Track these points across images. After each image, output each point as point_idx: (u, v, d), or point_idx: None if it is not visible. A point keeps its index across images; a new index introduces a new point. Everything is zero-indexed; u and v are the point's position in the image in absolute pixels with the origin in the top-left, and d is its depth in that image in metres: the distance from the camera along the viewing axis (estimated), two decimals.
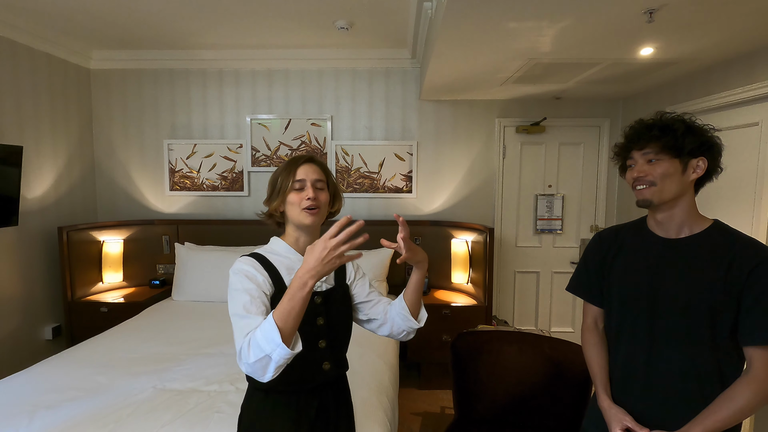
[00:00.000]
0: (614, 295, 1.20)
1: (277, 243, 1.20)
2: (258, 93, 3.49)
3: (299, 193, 1.14)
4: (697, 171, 1.07)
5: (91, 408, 1.67)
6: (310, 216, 1.14)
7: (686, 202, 1.09)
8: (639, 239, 1.17)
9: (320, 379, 1.16)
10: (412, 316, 1.20)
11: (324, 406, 1.17)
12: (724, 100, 2.35)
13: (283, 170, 1.17)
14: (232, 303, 1.05)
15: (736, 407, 0.99)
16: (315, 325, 1.15)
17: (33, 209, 2.98)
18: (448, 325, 3.00)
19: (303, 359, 1.12)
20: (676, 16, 1.73)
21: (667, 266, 1.09)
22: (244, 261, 1.11)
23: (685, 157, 1.06)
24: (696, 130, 1.08)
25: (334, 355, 1.19)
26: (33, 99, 2.97)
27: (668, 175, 1.06)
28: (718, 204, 2.34)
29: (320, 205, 1.16)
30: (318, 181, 1.17)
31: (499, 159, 3.49)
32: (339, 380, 1.24)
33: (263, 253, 1.15)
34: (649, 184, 1.08)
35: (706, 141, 1.07)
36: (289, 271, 1.14)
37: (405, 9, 2.55)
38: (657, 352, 1.09)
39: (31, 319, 2.98)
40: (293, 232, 1.19)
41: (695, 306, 1.03)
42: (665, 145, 1.06)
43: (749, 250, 1.02)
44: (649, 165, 1.09)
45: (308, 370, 1.14)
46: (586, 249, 1.32)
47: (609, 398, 1.19)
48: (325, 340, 1.17)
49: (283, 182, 1.15)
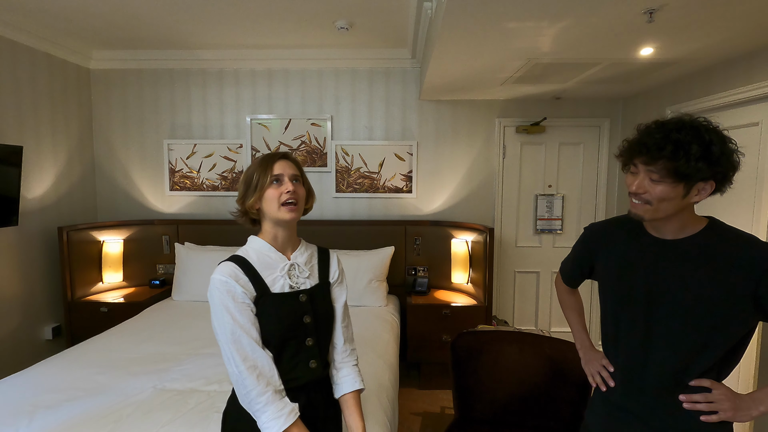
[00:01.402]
0: (609, 296, 1.20)
1: (256, 242, 1.19)
2: (258, 93, 3.49)
3: (277, 188, 1.14)
4: (701, 194, 0.99)
5: (91, 408, 1.67)
6: (289, 212, 1.14)
7: (682, 215, 1.05)
8: (633, 238, 1.16)
9: (308, 377, 1.16)
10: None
11: (311, 405, 1.17)
12: (724, 100, 2.35)
13: (258, 167, 1.16)
14: (218, 324, 1.07)
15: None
16: (302, 323, 1.16)
17: (33, 209, 2.98)
18: (448, 325, 3.00)
19: (290, 358, 1.14)
20: (676, 16, 1.73)
21: (664, 267, 1.08)
22: (222, 272, 1.10)
23: (691, 182, 0.97)
24: (713, 157, 0.94)
25: (321, 352, 1.20)
26: (33, 99, 2.97)
27: (666, 198, 0.99)
28: (718, 204, 2.34)
29: (298, 200, 1.16)
30: (294, 176, 1.17)
31: (499, 159, 3.49)
32: (327, 379, 1.24)
33: (243, 256, 1.15)
34: (644, 202, 1.02)
35: (719, 171, 0.96)
36: (269, 269, 1.15)
37: (405, 9, 2.55)
38: (655, 353, 1.09)
39: (31, 319, 2.98)
40: (271, 229, 1.19)
41: (693, 306, 1.03)
42: (673, 169, 0.95)
43: (748, 246, 1.02)
44: (650, 182, 1.00)
45: (295, 369, 1.14)
46: (577, 240, 1.34)
47: (588, 341, 1.37)
48: (313, 338, 1.17)
49: (260, 178, 1.14)
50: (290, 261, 1.19)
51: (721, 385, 1.06)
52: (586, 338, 1.39)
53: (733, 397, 1.04)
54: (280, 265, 1.17)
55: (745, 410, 1.03)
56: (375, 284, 3.09)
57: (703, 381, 1.05)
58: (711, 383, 1.05)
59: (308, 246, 1.27)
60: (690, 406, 1.05)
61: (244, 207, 1.17)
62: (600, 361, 1.25)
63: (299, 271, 1.19)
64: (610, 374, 1.21)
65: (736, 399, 1.04)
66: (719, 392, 1.04)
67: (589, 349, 1.34)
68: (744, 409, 1.03)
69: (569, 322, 1.45)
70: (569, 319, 1.45)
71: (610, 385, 1.20)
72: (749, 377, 2.20)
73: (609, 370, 1.21)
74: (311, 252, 1.27)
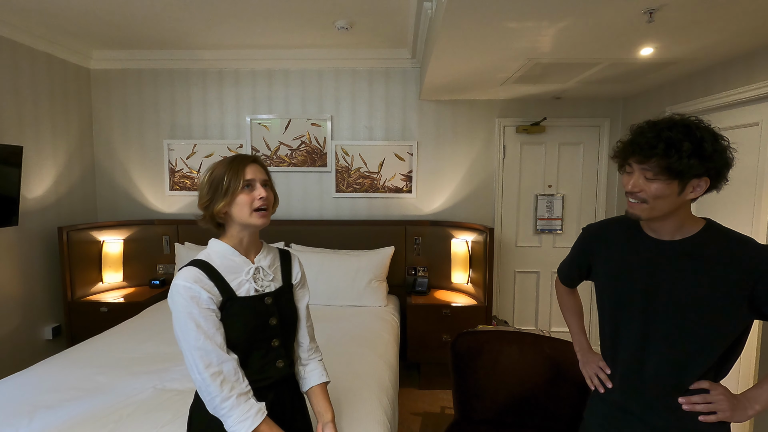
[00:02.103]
0: (607, 296, 1.20)
1: (219, 245, 1.17)
2: (258, 93, 3.49)
3: (249, 194, 1.13)
4: (696, 191, 1.00)
5: (91, 408, 1.67)
6: (261, 217, 1.14)
7: (679, 214, 1.05)
8: (630, 238, 1.16)
9: (275, 377, 1.17)
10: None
11: (279, 401, 1.19)
12: (724, 100, 2.35)
13: (228, 170, 1.12)
14: (180, 331, 1.06)
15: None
16: (268, 325, 1.16)
17: (33, 209, 2.98)
18: (448, 325, 3.00)
19: (258, 360, 1.15)
20: (676, 16, 1.73)
21: (662, 267, 1.08)
22: (185, 277, 1.08)
23: (685, 179, 0.98)
24: (705, 153, 0.96)
25: (287, 352, 1.22)
26: (33, 99, 2.97)
27: (662, 196, 1.00)
28: (717, 204, 2.33)
29: (269, 206, 1.17)
30: (265, 181, 1.17)
31: (499, 159, 3.49)
32: (293, 375, 1.27)
33: (206, 260, 1.13)
34: (640, 201, 1.03)
35: (712, 167, 0.97)
36: (233, 273, 1.14)
37: (405, 9, 2.55)
38: (652, 353, 1.09)
39: (31, 319, 2.98)
40: (237, 233, 1.17)
41: (690, 307, 1.03)
42: (666, 166, 0.97)
43: (745, 247, 1.02)
44: (644, 181, 1.01)
45: (263, 370, 1.16)
46: (575, 242, 1.35)
47: (587, 343, 1.38)
48: (278, 339, 1.19)
49: (231, 182, 1.11)
50: (255, 264, 1.19)
51: (719, 385, 1.07)
52: (584, 341, 1.40)
53: (731, 397, 1.05)
54: (245, 268, 1.16)
55: (741, 410, 1.04)
56: (375, 284, 3.09)
57: (701, 383, 1.06)
58: (709, 384, 1.06)
59: (270, 248, 1.27)
60: (689, 408, 1.06)
61: (211, 211, 1.14)
62: (597, 363, 1.25)
63: (264, 274, 1.19)
64: (609, 375, 1.22)
65: (734, 399, 1.05)
66: (717, 393, 1.05)
67: (587, 352, 1.35)
68: (741, 409, 1.04)
69: (568, 324, 1.46)
70: (568, 321, 1.46)
71: (608, 386, 1.21)
72: (749, 377, 2.21)
73: (606, 372, 1.22)
74: (274, 254, 1.27)
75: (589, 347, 1.37)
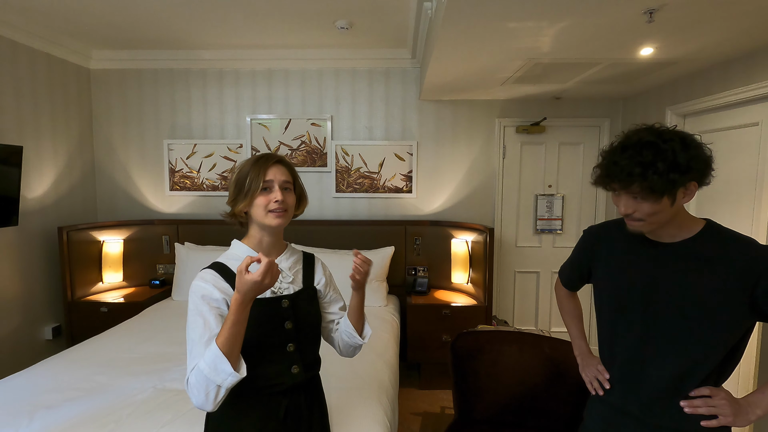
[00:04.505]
0: (606, 299, 1.20)
1: (239, 247, 1.17)
2: (258, 93, 3.49)
3: (267, 195, 1.12)
4: (687, 195, 1.01)
5: (91, 408, 1.67)
6: (276, 218, 1.13)
7: (677, 218, 1.06)
8: (631, 240, 1.16)
9: (289, 383, 1.14)
10: (357, 335, 1.27)
11: (295, 406, 1.16)
12: (724, 100, 2.35)
13: (250, 170, 1.13)
14: (190, 326, 1.05)
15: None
16: (283, 329, 1.14)
17: (33, 209, 2.98)
18: (448, 325, 3.00)
19: (271, 364, 1.12)
20: (676, 16, 1.73)
21: (662, 269, 1.08)
22: (203, 278, 1.09)
23: (672, 192, 0.98)
24: (681, 166, 0.95)
25: (304, 358, 1.18)
26: (33, 99, 2.97)
27: (656, 212, 1.01)
28: (717, 204, 2.32)
29: (287, 208, 1.15)
30: (286, 183, 1.15)
31: (499, 159, 3.49)
32: (311, 381, 1.23)
33: (224, 262, 1.14)
34: (637, 220, 1.04)
35: (694, 173, 0.97)
36: None
37: (405, 9, 2.55)
38: (653, 356, 1.09)
39: (31, 319, 2.98)
40: (256, 234, 1.17)
41: (690, 309, 1.03)
42: (648, 187, 0.96)
43: (745, 248, 1.02)
44: (635, 202, 1.01)
45: (277, 375, 1.13)
46: (576, 244, 1.35)
47: (586, 346, 1.38)
48: (294, 344, 1.15)
49: (251, 183, 1.12)
50: None
51: (721, 390, 1.06)
52: (584, 344, 1.40)
53: (733, 402, 1.05)
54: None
55: (743, 415, 1.04)
56: (375, 284, 3.09)
57: (701, 390, 1.06)
58: (710, 390, 1.06)
59: (294, 251, 1.26)
60: (691, 410, 1.05)
61: (234, 210, 1.16)
62: (596, 366, 1.25)
63: (282, 276, 1.18)
64: (610, 379, 1.21)
65: (736, 404, 1.05)
66: (719, 397, 1.05)
67: (587, 355, 1.35)
68: (743, 414, 1.04)
69: (568, 327, 1.47)
70: (568, 325, 1.47)
71: (607, 388, 1.21)
72: (749, 378, 2.20)
73: (605, 376, 1.22)
74: (296, 257, 1.25)
75: (589, 351, 1.37)
